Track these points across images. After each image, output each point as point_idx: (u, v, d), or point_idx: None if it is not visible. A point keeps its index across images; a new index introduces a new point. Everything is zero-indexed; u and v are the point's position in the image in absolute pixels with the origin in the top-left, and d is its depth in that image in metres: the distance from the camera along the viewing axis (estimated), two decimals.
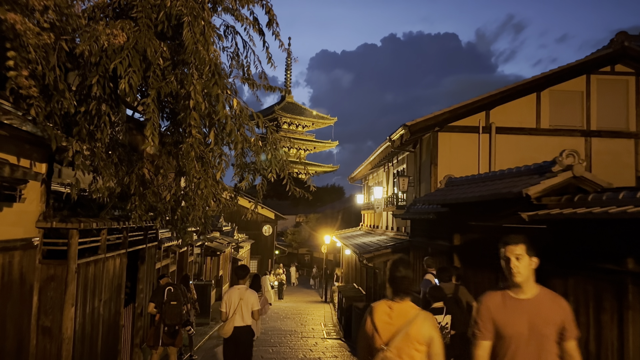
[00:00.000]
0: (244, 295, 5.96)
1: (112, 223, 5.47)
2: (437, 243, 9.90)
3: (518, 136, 11.75)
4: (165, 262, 9.68)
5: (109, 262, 5.81)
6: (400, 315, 2.72)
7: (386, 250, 12.32)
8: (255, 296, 6.10)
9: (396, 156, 15.58)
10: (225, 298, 6.02)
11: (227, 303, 5.95)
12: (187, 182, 5.05)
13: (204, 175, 4.37)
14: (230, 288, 6.23)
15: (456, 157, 11.58)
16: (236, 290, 6.01)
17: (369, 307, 2.90)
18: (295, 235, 45.18)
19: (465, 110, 11.41)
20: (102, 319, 5.63)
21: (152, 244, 7.93)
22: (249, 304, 5.96)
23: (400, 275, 2.79)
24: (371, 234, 19.42)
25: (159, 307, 6.90)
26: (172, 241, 9.57)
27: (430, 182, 11.66)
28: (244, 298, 5.92)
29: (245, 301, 5.93)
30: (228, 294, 6.03)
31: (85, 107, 3.91)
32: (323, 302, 23.18)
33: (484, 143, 11.67)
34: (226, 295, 6.07)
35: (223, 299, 6.06)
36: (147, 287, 7.78)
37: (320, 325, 15.34)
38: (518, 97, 11.73)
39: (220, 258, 19.13)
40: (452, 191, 8.50)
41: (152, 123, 3.63)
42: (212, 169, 4.71)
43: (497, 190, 6.62)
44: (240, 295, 5.93)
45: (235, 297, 5.93)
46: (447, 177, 9.53)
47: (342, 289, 15.78)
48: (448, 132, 11.69)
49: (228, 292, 6.09)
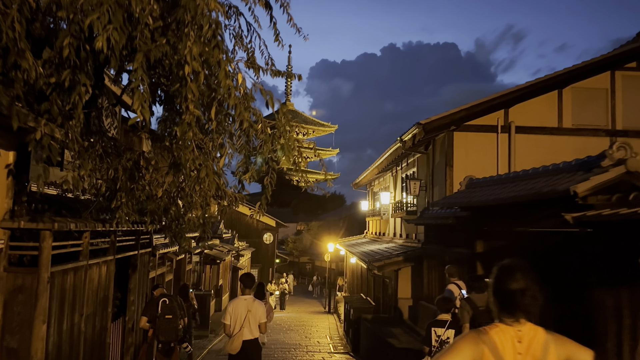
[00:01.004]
0: (252, 306, 5.47)
1: (96, 225, 4.70)
2: (455, 251, 9.12)
3: (539, 136, 11.01)
4: (160, 271, 8.89)
5: (93, 270, 5.03)
6: (532, 344, 1.91)
7: (398, 258, 11.53)
8: (263, 308, 5.65)
9: (405, 159, 14.84)
10: (229, 309, 5.46)
11: (232, 315, 5.42)
12: (183, 175, 4.29)
13: (203, 161, 3.61)
14: (235, 298, 5.67)
15: (473, 158, 10.83)
16: (242, 301, 5.50)
17: (474, 334, 2.01)
18: (297, 244, 44.31)
19: (482, 108, 10.68)
20: (84, 336, 4.84)
21: (145, 250, 7.15)
22: (257, 316, 5.48)
23: (519, 288, 1.97)
24: (377, 241, 18.61)
25: (152, 321, 6.11)
26: (168, 248, 8.78)
27: (445, 185, 10.89)
28: (252, 310, 5.44)
29: (254, 313, 5.45)
30: (233, 305, 5.48)
31: (57, 78, 3.15)
32: (327, 313, 22.30)
33: (502, 143, 10.93)
34: (230, 306, 5.49)
35: (227, 310, 5.50)
36: (140, 299, 6.99)
37: (326, 338, 14.49)
38: (538, 95, 11.01)
39: (220, 267, 18.30)
40: (476, 193, 7.74)
41: (141, 93, 2.87)
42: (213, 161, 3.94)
43: (536, 189, 5.85)
44: (247, 306, 5.43)
45: (242, 309, 5.42)
46: (467, 178, 8.78)
47: (348, 299, 14.95)
48: (464, 132, 10.95)
49: (233, 303, 5.53)
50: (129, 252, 6.43)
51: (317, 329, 16.43)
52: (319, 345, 13.07)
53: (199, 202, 4.34)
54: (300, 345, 12.77)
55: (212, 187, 3.87)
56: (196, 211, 4.38)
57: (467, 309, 5.32)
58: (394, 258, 11.54)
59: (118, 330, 6.38)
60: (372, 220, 21.79)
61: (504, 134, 10.93)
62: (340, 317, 18.67)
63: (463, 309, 5.43)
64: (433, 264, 10.24)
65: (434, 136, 11.52)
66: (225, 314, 5.52)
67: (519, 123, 10.95)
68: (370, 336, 10.59)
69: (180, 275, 11.39)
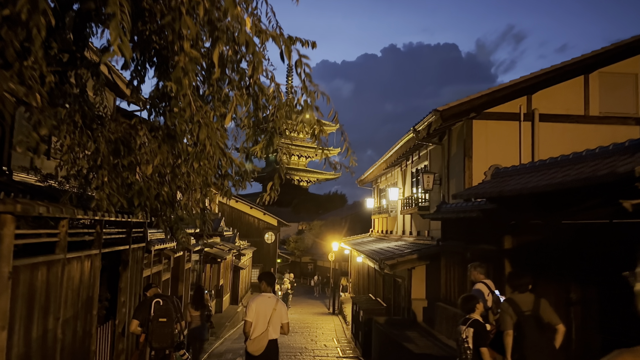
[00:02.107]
0: (277, 305, 5.34)
1: (76, 212, 3.92)
2: (479, 247, 8.35)
3: (564, 125, 10.25)
4: (156, 269, 8.11)
5: (73, 265, 4.25)
6: None
7: (411, 257, 10.75)
8: (285, 307, 5.56)
9: (417, 152, 14.05)
10: (254, 307, 5.24)
11: (256, 312, 5.20)
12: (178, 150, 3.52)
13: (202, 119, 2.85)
14: (257, 295, 5.45)
15: (494, 148, 10.06)
16: (266, 298, 5.34)
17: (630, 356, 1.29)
18: (298, 243, 43.51)
19: (505, 94, 9.92)
20: (62, 344, 4.06)
21: (138, 245, 6.38)
22: (281, 315, 5.38)
23: None
24: (384, 240, 17.84)
25: (144, 325, 5.34)
26: (165, 244, 8.01)
27: (464, 177, 10.12)
28: (277, 309, 5.31)
29: (279, 313, 5.32)
30: (257, 302, 5.28)
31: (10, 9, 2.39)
32: (331, 314, 21.51)
33: (525, 132, 10.17)
34: (254, 303, 5.26)
35: (251, 308, 5.23)
36: (132, 300, 6.22)
37: (333, 341, 13.71)
38: (564, 80, 10.25)
39: (221, 266, 17.51)
40: (506, 182, 6.96)
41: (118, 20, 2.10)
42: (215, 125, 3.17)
43: (586, 173, 5.07)
44: (272, 305, 5.29)
45: (267, 307, 5.26)
46: (493, 167, 8.01)
47: (356, 300, 14.16)
48: (484, 120, 10.19)
49: (257, 300, 5.31)
50: (119, 246, 5.65)
51: (323, 331, 15.65)
52: (326, 349, 12.30)
53: (197, 183, 3.56)
54: (306, 349, 12.00)
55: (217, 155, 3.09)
56: (195, 193, 3.59)
57: (510, 313, 4.55)
58: (408, 256, 10.76)
59: (106, 335, 5.60)
60: (379, 218, 21.01)
61: (526, 122, 10.17)
62: (346, 319, 17.89)
63: (505, 312, 4.66)
64: (452, 262, 9.47)
65: (450, 125, 10.76)
66: (249, 311, 5.22)
67: (543, 110, 10.19)
68: (384, 340, 9.81)
69: (178, 274, 10.62)
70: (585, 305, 5.87)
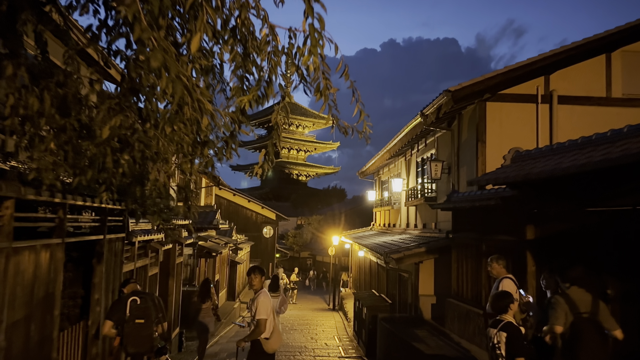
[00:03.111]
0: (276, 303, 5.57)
1: (24, 190, 3.16)
2: (496, 239, 7.62)
3: (584, 107, 9.50)
4: (141, 263, 7.36)
5: (24, 256, 3.49)
6: None
7: (419, 250, 10.01)
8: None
9: (424, 139, 13.29)
10: (267, 302, 4.98)
11: (271, 309, 5.02)
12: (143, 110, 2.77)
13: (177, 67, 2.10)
14: (264, 292, 5.18)
15: (509, 133, 9.32)
16: (269, 293, 5.30)
17: None
18: (297, 238, 42.77)
19: (521, 74, 9.15)
20: (9, 354, 3.30)
21: (115, 235, 5.61)
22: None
23: None
24: (387, 233, 17.11)
25: (119, 326, 4.59)
26: (151, 235, 7.25)
27: (476, 164, 9.37)
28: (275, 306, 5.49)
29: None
30: (269, 299, 5.06)
31: None
32: (331, 310, 20.79)
33: (543, 115, 9.42)
34: (269, 300, 5.04)
35: (266, 304, 4.95)
36: (108, 297, 5.47)
37: (334, 339, 12.99)
38: (584, 59, 9.49)
39: (217, 260, 16.76)
40: (530, 165, 6.21)
41: None
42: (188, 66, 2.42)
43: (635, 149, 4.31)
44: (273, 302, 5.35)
45: (272, 304, 5.10)
46: (513, 150, 7.26)
47: (359, 296, 13.43)
48: (499, 102, 9.44)
49: (267, 295, 5.12)
50: (90, 236, 4.89)
51: (324, 329, 14.93)
52: (327, 348, 11.58)
53: (170, 151, 2.79)
54: (306, 349, 11.28)
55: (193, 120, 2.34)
56: (166, 166, 2.82)
57: (566, 310, 3.79)
58: (415, 249, 10.01)
59: (76, 339, 4.85)
60: (381, 211, 20.27)
61: (544, 104, 9.43)
62: (347, 315, 17.18)
63: (558, 306, 3.90)
64: (465, 255, 8.73)
65: (461, 108, 10.00)
66: (264, 308, 4.92)
67: (561, 92, 9.44)
68: (390, 339, 9.08)
69: (168, 269, 9.87)
70: (626, 302, 5.14)
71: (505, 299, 4.24)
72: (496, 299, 4.32)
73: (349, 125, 2.75)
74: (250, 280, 5.06)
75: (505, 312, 4.15)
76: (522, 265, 6.83)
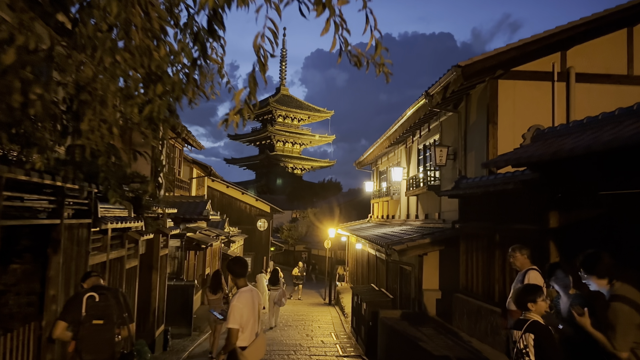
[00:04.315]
0: (258, 297, 4.37)
1: None
2: (512, 227, 6.86)
3: (603, 86, 8.75)
4: (116, 254, 6.55)
5: None
6: None
7: (424, 241, 9.26)
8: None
9: (427, 124, 12.51)
10: (240, 308, 4.08)
11: (246, 317, 4.09)
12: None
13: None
14: (240, 292, 4.23)
15: (522, 113, 8.56)
16: (249, 293, 4.26)
17: None
18: (292, 232, 41.98)
19: (536, 48, 8.38)
20: None
21: (78, 220, 4.79)
22: (261, 306, 4.38)
23: None
24: (386, 225, 16.36)
25: (73, 328, 3.79)
26: (127, 222, 6.44)
27: (486, 147, 8.61)
28: (259, 301, 4.36)
29: (260, 304, 4.35)
30: (243, 302, 4.13)
31: None
32: (327, 305, 20.06)
33: (559, 94, 8.66)
34: (240, 303, 4.11)
35: (235, 309, 4.06)
36: (69, 294, 4.66)
37: (331, 336, 12.24)
38: (604, 34, 8.72)
39: (207, 253, 15.96)
40: (558, 143, 5.44)
41: None
42: None
43: None
44: (257, 299, 4.31)
45: (254, 304, 4.23)
46: (534, 127, 6.49)
47: (357, 291, 12.68)
48: (511, 80, 8.67)
49: (242, 299, 4.14)
50: (41, 219, 4.07)
51: (320, 325, 14.19)
52: (324, 346, 10.83)
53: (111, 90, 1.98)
54: (301, 347, 10.53)
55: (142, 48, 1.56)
56: (105, 111, 2.01)
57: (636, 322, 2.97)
58: (419, 240, 9.26)
59: (25, 342, 4.05)
60: (379, 202, 19.52)
61: (560, 82, 8.66)
62: (344, 310, 16.45)
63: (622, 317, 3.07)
64: (475, 246, 7.98)
65: (470, 87, 9.21)
66: (237, 314, 4.04)
67: (579, 69, 8.67)
68: (393, 338, 8.34)
69: (151, 262, 9.06)
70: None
71: (534, 293, 3.46)
72: (523, 292, 3.54)
73: (362, 54, 1.95)
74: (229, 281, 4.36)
75: (532, 310, 3.38)
76: (543, 258, 6.08)
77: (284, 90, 77.94)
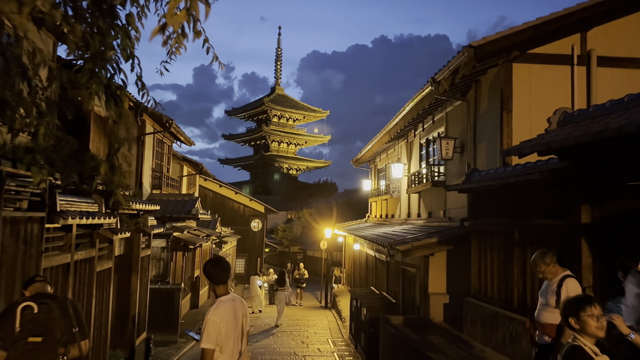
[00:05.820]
0: (245, 307, 3.59)
1: None
2: (534, 223, 6.08)
3: (627, 70, 8.02)
4: (83, 255, 5.71)
5: None
6: None
7: (430, 240, 8.46)
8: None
9: (430, 116, 11.74)
10: (218, 323, 3.22)
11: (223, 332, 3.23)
12: None
13: None
14: (218, 303, 3.35)
15: (539, 99, 7.80)
16: (231, 303, 3.38)
17: None
18: (287, 232, 41.09)
19: (555, 27, 7.62)
20: None
21: (24, 214, 3.95)
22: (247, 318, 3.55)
23: None
24: (385, 224, 15.57)
25: (5, 348, 2.96)
26: (97, 218, 5.60)
27: (500, 136, 7.84)
28: (246, 312, 3.55)
29: (247, 316, 3.53)
30: (221, 315, 3.25)
31: None
32: (323, 308, 19.22)
33: (579, 79, 7.91)
34: (217, 318, 3.23)
35: (212, 326, 3.20)
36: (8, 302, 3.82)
37: (328, 342, 11.42)
38: (629, 13, 7.99)
39: (196, 254, 15.10)
40: (595, 124, 4.66)
41: None
42: None
43: None
44: (242, 309, 3.46)
45: (237, 317, 3.38)
46: (560, 110, 5.70)
47: (356, 294, 11.87)
48: (527, 64, 7.91)
49: (220, 312, 3.26)
50: None
51: (315, 330, 13.36)
52: (321, 354, 10.02)
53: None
54: (296, 355, 9.72)
55: None
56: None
57: None
58: (425, 240, 8.46)
59: None
60: (377, 200, 18.72)
61: (580, 66, 7.90)
62: (342, 314, 15.63)
63: None
64: (489, 244, 7.19)
65: (481, 72, 8.44)
66: (212, 331, 3.19)
67: (600, 52, 7.91)
68: (397, 346, 7.55)
69: (130, 263, 8.20)
70: None
71: (576, 306, 2.64)
72: (573, 305, 2.72)
73: None
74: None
75: (575, 327, 2.58)
76: (574, 257, 5.30)
77: (279, 90, 77.12)
